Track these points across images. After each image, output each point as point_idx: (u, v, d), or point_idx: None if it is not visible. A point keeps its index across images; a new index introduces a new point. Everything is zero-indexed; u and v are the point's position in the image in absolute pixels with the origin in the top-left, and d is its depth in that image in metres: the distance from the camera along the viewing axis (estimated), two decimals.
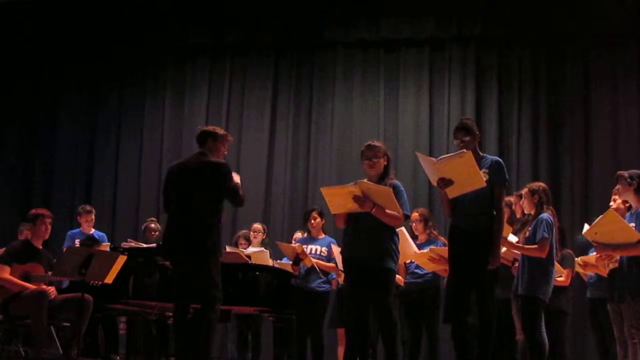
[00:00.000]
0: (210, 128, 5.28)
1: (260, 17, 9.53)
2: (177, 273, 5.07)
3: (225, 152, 5.31)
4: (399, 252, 5.05)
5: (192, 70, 9.88)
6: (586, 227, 5.82)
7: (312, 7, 9.41)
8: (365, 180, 4.95)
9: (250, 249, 7.05)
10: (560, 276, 5.86)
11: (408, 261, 6.47)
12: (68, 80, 10.09)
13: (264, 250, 6.93)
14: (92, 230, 7.75)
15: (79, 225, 7.88)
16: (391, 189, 4.82)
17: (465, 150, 4.69)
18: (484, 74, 9.10)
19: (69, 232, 7.78)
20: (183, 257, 4.97)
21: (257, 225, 7.51)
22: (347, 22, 9.34)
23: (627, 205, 5.62)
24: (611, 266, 5.29)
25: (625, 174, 4.99)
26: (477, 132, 4.94)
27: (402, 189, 4.98)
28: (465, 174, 4.62)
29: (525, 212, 5.67)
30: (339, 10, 9.34)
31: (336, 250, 6.35)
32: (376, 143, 5.12)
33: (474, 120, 5.28)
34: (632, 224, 4.82)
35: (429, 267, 6.17)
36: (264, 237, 7.41)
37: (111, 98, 10.03)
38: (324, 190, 4.99)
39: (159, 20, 9.73)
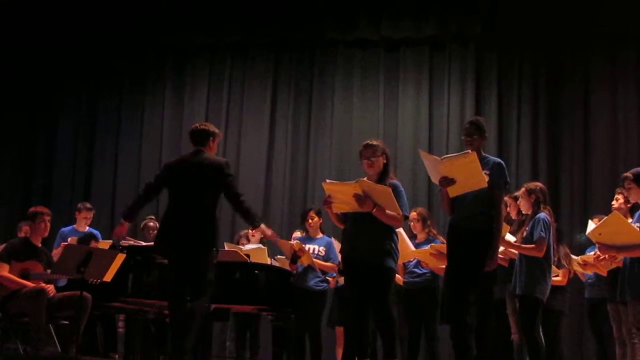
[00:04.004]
0: (209, 127, 5.22)
1: (260, 16, 9.53)
2: (173, 268, 4.99)
3: (216, 149, 5.30)
4: (398, 251, 5.04)
5: (192, 70, 9.89)
6: (590, 224, 5.83)
7: (312, 6, 9.41)
8: (365, 179, 4.95)
9: (249, 246, 7.05)
10: (557, 275, 5.86)
11: (406, 261, 6.47)
12: (68, 80, 10.08)
13: (262, 247, 6.92)
14: (87, 229, 7.73)
15: (74, 221, 7.85)
16: (391, 189, 4.81)
17: (470, 150, 4.69)
18: (484, 74, 9.10)
19: (61, 230, 7.70)
20: (180, 249, 4.90)
21: None
22: (347, 22, 9.34)
23: (628, 205, 5.62)
24: (613, 265, 5.29)
25: (630, 175, 4.93)
26: (486, 133, 4.94)
27: (402, 189, 4.98)
28: (468, 174, 4.63)
29: (523, 212, 5.67)
30: (339, 9, 9.35)
31: (338, 246, 6.33)
32: (374, 142, 5.11)
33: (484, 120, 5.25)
34: (637, 225, 4.81)
35: (432, 263, 6.17)
36: (261, 236, 7.40)
37: (111, 97, 10.04)
38: (327, 186, 4.98)
39: (159, 20, 9.73)
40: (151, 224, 7.48)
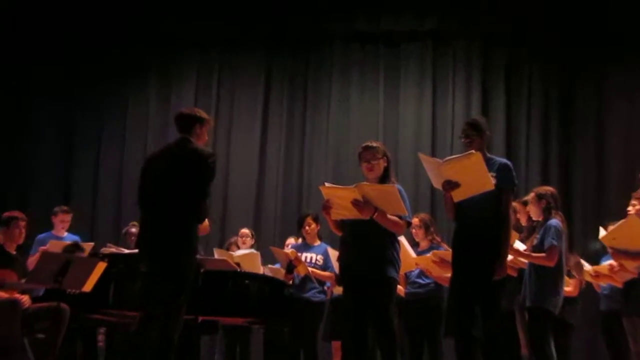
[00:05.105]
0: (195, 112, 4.98)
1: (252, 9, 9.54)
2: (149, 274, 4.74)
3: (207, 138, 5.05)
4: (400, 260, 5.04)
5: (178, 67, 9.89)
6: (602, 232, 5.83)
7: None
8: (364, 183, 4.95)
9: (240, 252, 7.05)
10: (568, 286, 5.87)
11: (408, 270, 6.47)
12: (44, 75, 9.98)
13: (255, 252, 6.92)
14: (65, 234, 7.71)
15: (52, 227, 7.83)
16: (395, 187, 4.82)
17: (473, 150, 4.69)
18: (491, 71, 9.14)
19: (38, 237, 7.65)
20: (154, 254, 4.67)
21: (245, 230, 7.53)
22: (345, 14, 9.37)
23: None
24: (629, 276, 5.30)
25: None
26: (487, 132, 4.95)
27: (404, 194, 4.98)
28: (473, 176, 4.62)
29: (533, 218, 5.68)
30: (336, 1, 9.36)
31: (333, 254, 6.34)
32: (374, 144, 5.12)
33: (485, 120, 5.27)
34: None
35: (435, 271, 6.19)
36: (252, 243, 7.43)
37: (92, 94, 10.00)
38: (325, 190, 4.98)
39: (143, 14, 9.71)
40: (134, 229, 7.45)
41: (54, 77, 9.99)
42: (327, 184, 5.14)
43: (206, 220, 4.91)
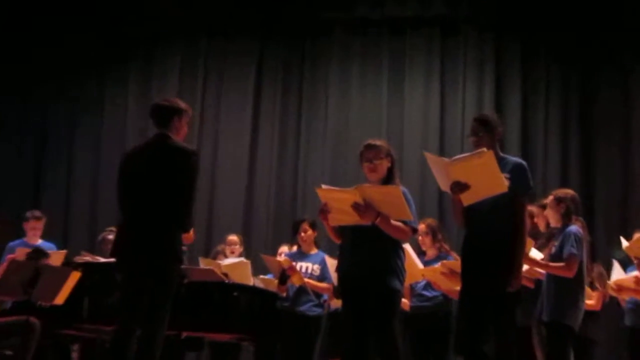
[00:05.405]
0: (171, 103, 4.91)
1: None
2: (127, 284, 4.67)
3: (187, 131, 4.98)
4: (405, 270, 5.04)
5: (161, 56, 9.89)
6: (624, 242, 5.84)
7: None
8: (366, 184, 4.95)
9: (228, 261, 7.05)
10: (590, 299, 5.87)
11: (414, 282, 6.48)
12: (14, 68, 9.95)
13: (244, 260, 6.92)
14: (39, 241, 7.72)
15: (24, 234, 7.84)
16: (400, 189, 4.82)
17: (484, 148, 4.68)
18: (505, 63, 9.15)
19: (9, 244, 7.69)
20: (136, 263, 4.62)
21: (233, 237, 7.53)
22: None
23: None
24: None
25: None
26: (498, 129, 4.94)
27: (410, 197, 4.98)
28: (484, 177, 4.61)
29: (551, 224, 5.68)
30: None
31: (331, 263, 6.34)
32: (377, 142, 5.11)
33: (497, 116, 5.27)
34: None
35: (443, 284, 6.19)
36: (242, 251, 7.44)
37: (65, 91, 9.99)
38: (322, 192, 4.97)
39: None
40: (111, 236, 7.43)
41: (24, 69, 9.95)
42: (324, 186, 5.13)
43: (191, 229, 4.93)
